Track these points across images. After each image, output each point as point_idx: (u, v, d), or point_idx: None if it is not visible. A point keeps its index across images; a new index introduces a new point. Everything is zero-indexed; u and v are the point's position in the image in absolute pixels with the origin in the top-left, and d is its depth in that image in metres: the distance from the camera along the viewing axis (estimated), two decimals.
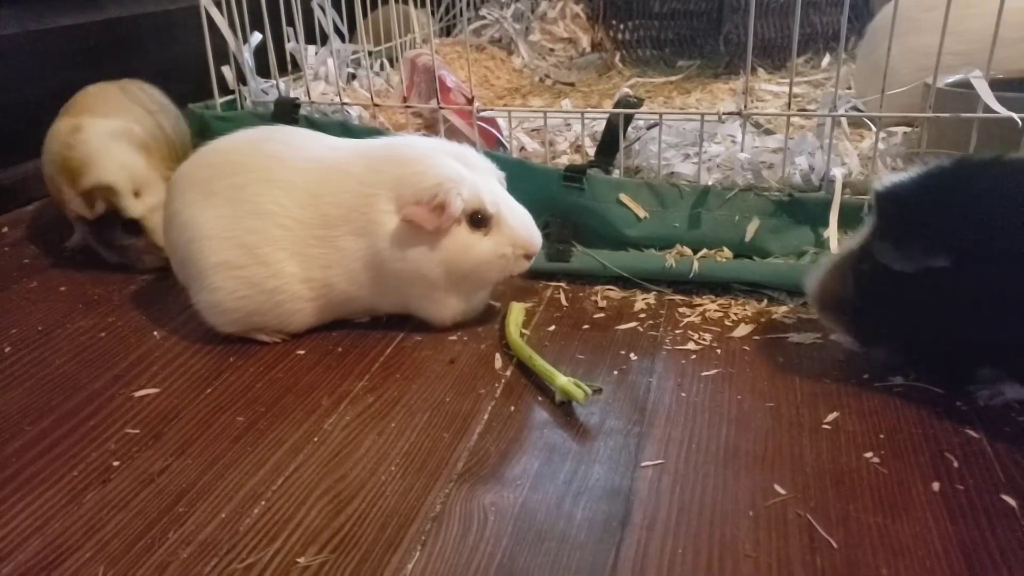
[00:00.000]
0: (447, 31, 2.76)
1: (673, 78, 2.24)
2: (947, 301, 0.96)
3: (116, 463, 0.97)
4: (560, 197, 1.42)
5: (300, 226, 1.17)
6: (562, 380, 1.04)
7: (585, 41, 2.58)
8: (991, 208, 0.94)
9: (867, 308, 1.03)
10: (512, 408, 1.05)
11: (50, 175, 1.50)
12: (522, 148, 1.69)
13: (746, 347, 1.17)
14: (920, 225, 0.96)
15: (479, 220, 1.15)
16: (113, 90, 1.66)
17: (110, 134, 1.46)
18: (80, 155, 1.42)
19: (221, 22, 1.71)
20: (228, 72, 1.76)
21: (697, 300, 1.31)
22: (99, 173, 1.41)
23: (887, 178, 1.02)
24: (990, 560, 0.79)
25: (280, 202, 1.18)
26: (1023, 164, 0.99)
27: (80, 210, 1.43)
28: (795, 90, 1.38)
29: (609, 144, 1.49)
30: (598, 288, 1.37)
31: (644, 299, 1.33)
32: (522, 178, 1.36)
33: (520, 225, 1.18)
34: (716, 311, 1.28)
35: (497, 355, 1.18)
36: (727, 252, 1.36)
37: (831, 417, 1.01)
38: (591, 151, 1.57)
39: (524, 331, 1.22)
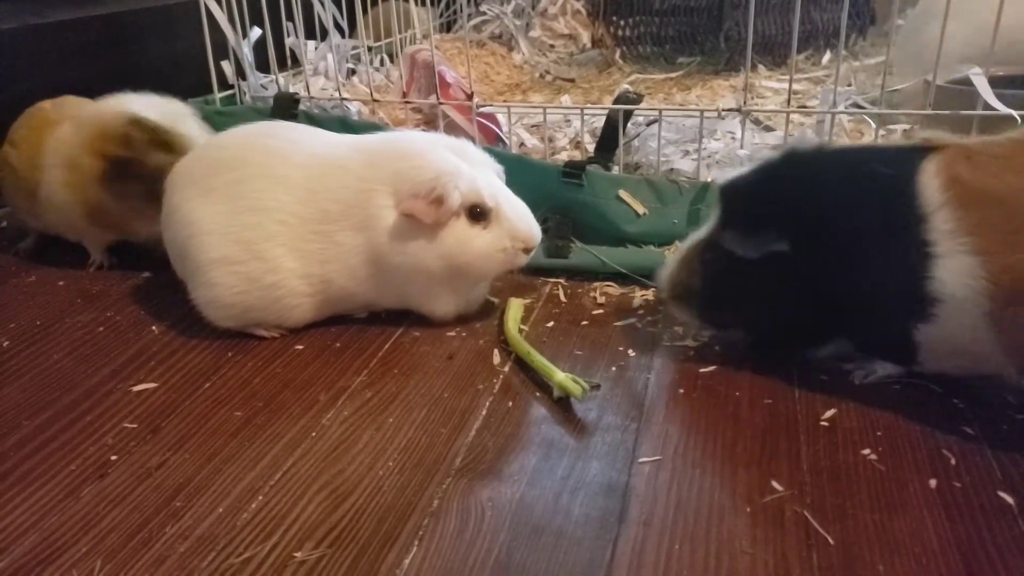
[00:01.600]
0: (447, 27, 2.76)
1: (673, 75, 2.24)
2: (788, 282, 1.03)
3: (114, 457, 0.97)
4: (559, 193, 1.42)
5: (299, 221, 1.17)
6: (560, 376, 1.04)
7: (585, 37, 2.58)
8: (818, 193, 1.01)
9: (715, 294, 1.09)
10: (510, 404, 1.05)
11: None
12: (521, 144, 1.69)
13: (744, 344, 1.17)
14: (759, 214, 1.03)
15: (478, 214, 1.15)
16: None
17: None
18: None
19: (221, 17, 1.71)
20: (227, 67, 1.76)
21: None
22: None
23: (728, 173, 1.11)
24: (986, 557, 0.79)
25: (278, 198, 1.18)
26: (842, 152, 1.08)
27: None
28: (795, 87, 1.38)
29: (609, 140, 1.49)
30: (597, 284, 1.37)
31: (643, 295, 1.32)
32: (521, 174, 1.35)
33: (519, 218, 1.18)
34: None
35: (495, 351, 1.18)
36: None
37: (829, 414, 1.01)
38: (591, 147, 1.57)
39: (523, 327, 1.22)
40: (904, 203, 0.94)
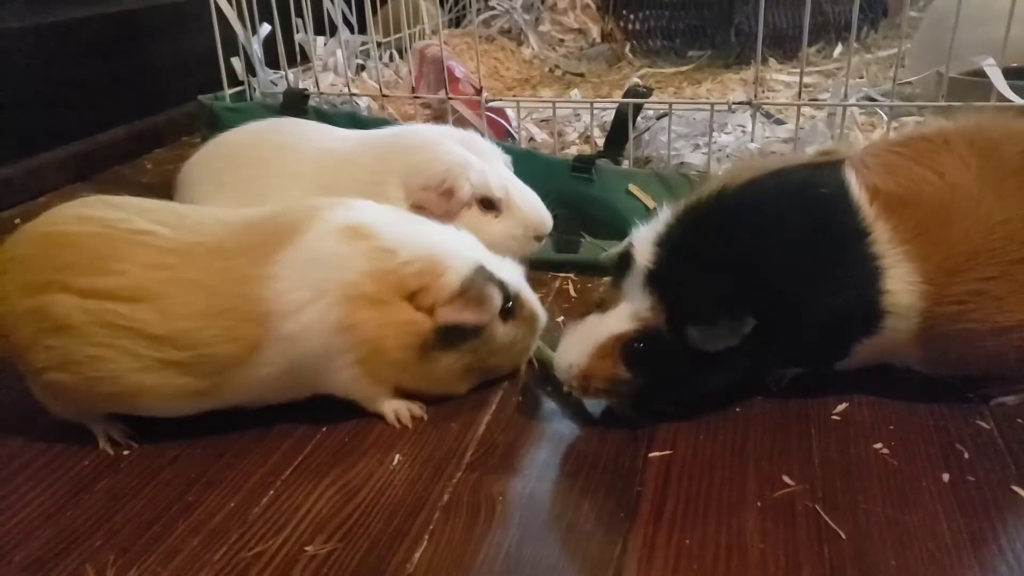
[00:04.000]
0: (457, 22, 2.76)
1: (684, 69, 2.23)
2: (750, 351, 0.91)
3: (126, 452, 0.97)
4: (569, 188, 1.41)
5: None
6: None
7: (595, 32, 2.57)
8: (772, 238, 0.92)
9: (658, 388, 0.95)
10: (520, 398, 1.05)
11: None
12: (531, 139, 1.69)
13: None
14: (729, 296, 0.89)
15: (489, 203, 1.16)
16: None
17: None
18: None
19: (230, 13, 1.72)
20: (237, 63, 1.77)
21: None
22: None
23: (646, 260, 0.94)
24: (999, 552, 0.78)
25: (290, 193, 1.18)
26: (774, 180, 0.96)
27: None
28: (806, 80, 1.38)
29: (618, 135, 1.48)
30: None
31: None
32: (531, 168, 1.35)
33: (530, 207, 1.19)
34: None
35: None
36: None
37: (840, 408, 1.00)
38: (600, 142, 1.56)
39: None
40: (848, 221, 0.93)
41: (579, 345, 0.96)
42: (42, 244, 0.92)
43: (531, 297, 1.04)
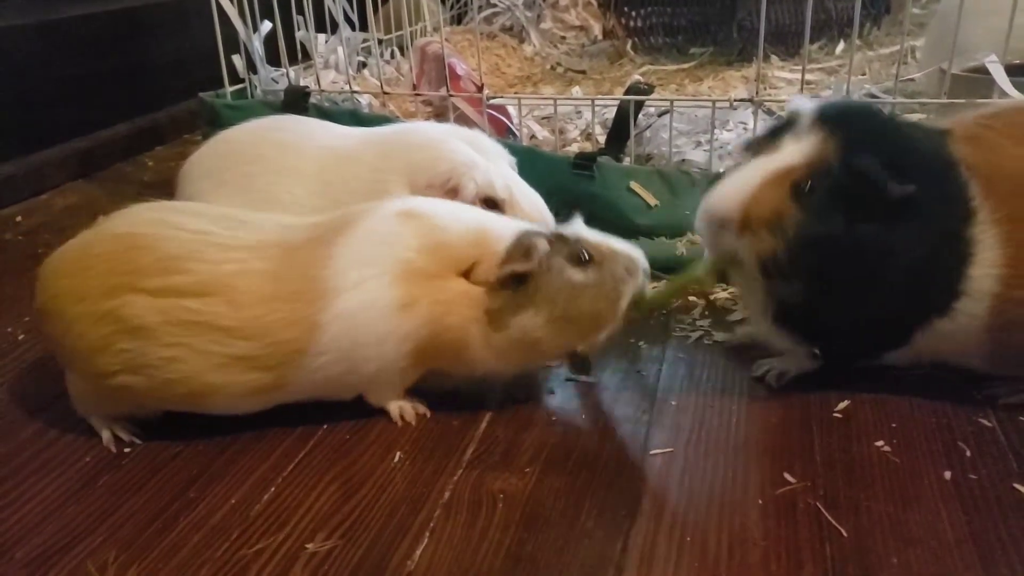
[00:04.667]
0: (458, 19, 2.75)
1: (685, 66, 2.22)
2: (907, 247, 0.90)
3: (128, 449, 0.98)
4: (570, 185, 1.41)
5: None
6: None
7: (597, 29, 2.57)
8: (919, 154, 0.92)
9: (830, 258, 0.91)
10: (521, 396, 1.05)
11: None
12: (532, 136, 1.69)
13: None
14: (901, 142, 0.90)
15: (493, 203, 1.15)
16: None
17: None
18: None
19: (231, 11, 1.72)
20: (238, 61, 1.77)
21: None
22: None
23: (812, 112, 0.93)
24: (1002, 550, 0.78)
25: (292, 191, 1.18)
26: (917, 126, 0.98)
27: None
28: (808, 76, 1.38)
29: (620, 132, 1.48)
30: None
31: (654, 287, 1.31)
32: (532, 166, 1.35)
33: (533, 207, 1.18)
34: (727, 299, 1.27)
35: None
36: None
37: (842, 405, 1.00)
38: (602, 139, 1.56)
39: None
40: (961, 191, 0.90)
41: (741, 179, 0.92)
42: (119, 246, 0.93)
43: (606, 239, 1.00)
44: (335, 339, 0.92)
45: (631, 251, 1.00)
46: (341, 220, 0.97)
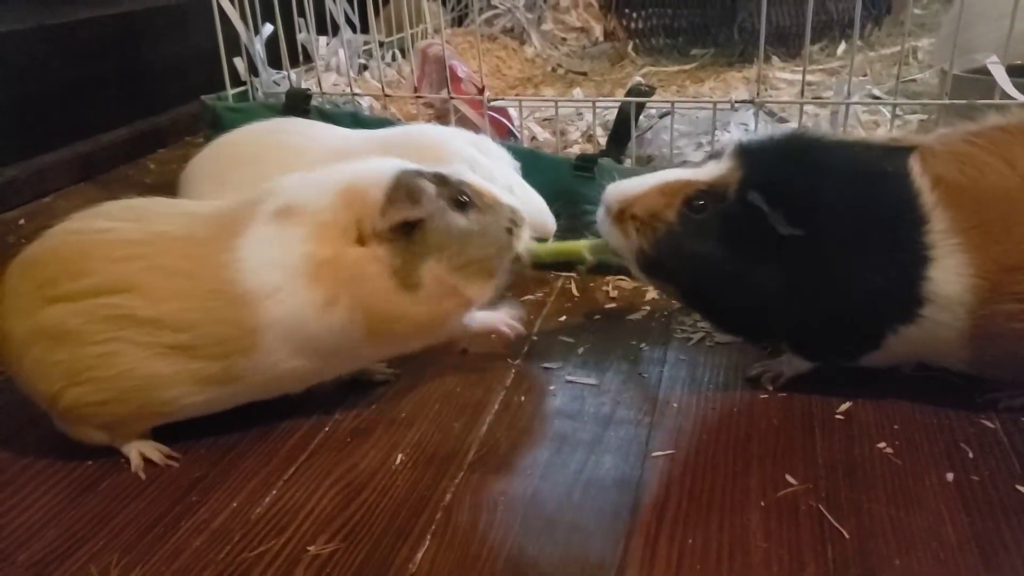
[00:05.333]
0: (459, 21, 2.75)
1: (686, 67, 2.22)
2: (776, 268, 0.94)
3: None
4: (571, 187, 1.41)
5: None
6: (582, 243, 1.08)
7: (598, 30, 2.57)
8: (833, 182, 0.94)
9: (697, 255, 0.97)
10: (523, 398, 1.05)
11: None
12: (533, 138, 1.69)
13: None
14: (794, 186, 0.93)
15: None
16: None
17: None
18: None
19: (233, 13, 1.72)
20: (240, 64, 1.77)
21: None
22: None
23: (737, 143, 0.99)
24: (1005, 552, 0.78)
25: None
26: (846, 145, 1.02)
27: None
28: (809, 78, 1.38)
29: (621, 133, 1.48)
30: (609, 278, 1.36)
31: (655, 289, 1.32)
32: (533, 168, 1.35)
33: (535, 210, 1.18)
34: None
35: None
36: None
37: (844, 407, 1.00)
38: (603, 140, 1.56)
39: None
40: (907, 203, 0.92)
41: (641, 179, 1.00)
42: (20, 269, 0.93)
43: (491, 188, 1.00)
44: (280, 341, 0.91)
45: (515, 202, 1.01)
46: (229, 218, 0.94)
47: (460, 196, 0.95)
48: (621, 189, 1.00)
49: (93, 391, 0.90)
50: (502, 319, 1.05)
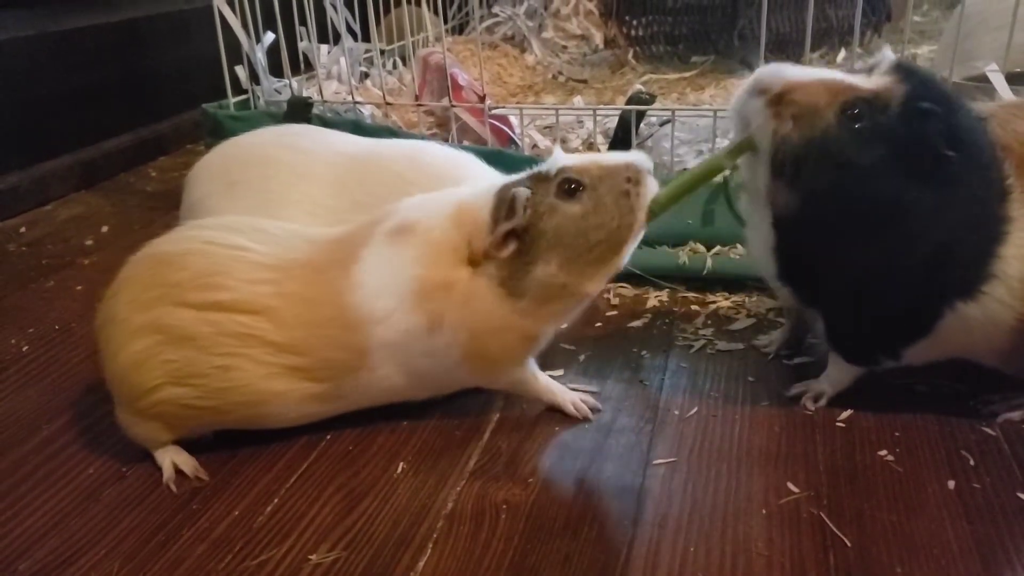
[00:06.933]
0: (460, 29, 2.76)
1: (687, 74, 2.23)
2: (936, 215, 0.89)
3: (132, 461, 0.98)
4: None
5: (327, 212, 1.17)
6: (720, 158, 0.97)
7: (598, 38, 2.57)
8: (964, 124, 0.90)
9: (861, 180, 0.89)
10: (524, 406, 1.05)
11: None
12: (534, 145, 1.69)
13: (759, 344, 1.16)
14: (953, 98, 0.89)
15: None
16: None
17: None
18: None
19: (234, 22, 1.72)
20: (241, 72, 1.77)
21: (710, 297, 1.31)
22: None
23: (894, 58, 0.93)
24: (1006, 559, 0.78)
25: (307, 192, 1.19)
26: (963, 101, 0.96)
27: None
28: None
29: (622, 141, 1.48)
30: (610, 285, 1.36)
31: (657, 296, 1.32)
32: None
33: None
34: (729, 308, 1.27)
35: None
36: (740, 248, 1.35)
37: (845, 415, 1.00)
38: (604, 148, 1.56)
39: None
40: (1000, 171, 0.90)
41: (803, 70, 0.92)
42: (150, 263, 0.95)
43: (594, 158, 0.95)
44: (386, 359, 0.94)
45: (627, 158, 0.94)
46: (349, 243, 0.96)
47: (567, 185, 0.91)
48: (781, 72, 0.91)
49: (196, 396, 0.91)
50: (573, 398, 1.02)
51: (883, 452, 0.93)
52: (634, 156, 0.95)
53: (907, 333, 0.95)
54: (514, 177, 0.96)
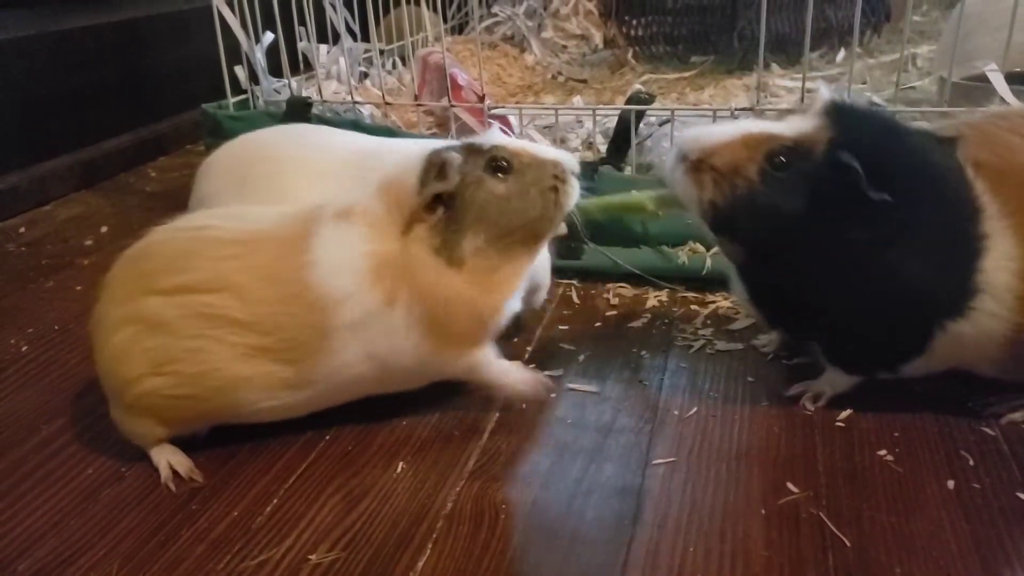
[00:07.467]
0: (459, 29, 2.76)
1: (686, 74, 2.23)
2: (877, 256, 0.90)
3: (130, 461, 0.98)
4: None
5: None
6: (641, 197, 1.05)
7: (598, 38, 2.57)
8: (911, 162, 0.90)
9: (782, 230, 0.91)
10: (523, 406, 1.05)
11: None
12: None
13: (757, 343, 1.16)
14: (890, 149, 0.89)
15: None
16: None
17: None
18: None
19: (233, 22, 1.72)
20: (241, 72, 1.77)
21: (710, 297, 1.30)
22: None
23: (829, 98, 0.93)
24: (1005, 560, 0.78)
25: (320, 189, 1.18)
26: (908, 129, 0.99)
27: None
28: (809, 85, 1.37)
29: (621, 141, 1.48)
30: (610, 286, 1.36)
31: (656, 296, 1.32)
32: None
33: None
34: (729, 308, 1.27)
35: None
36: None
37: (844, 415, 1.00)
38: (603, 148, 1.56)
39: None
40: (967, 191, 0.90)
41: (722, 128, 0.93)
42: (127, 260, 0.96)
43: (527, 146, 0.96)
44: (349, 343, 0.92)
45: (557, 156, 0.96)
46: (303, 221, 0.95)
47: (496, 161, 0.92)
48: (700, 136, 0.93)
49: (173, 384, 0.91)
50: (531, 379, 1.01)
51: (882, 452, 0.93)
52: (563, 155, 0.96)
53: (899, 354, 0.97)
54: (442, 143, 0.96)
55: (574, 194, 0.96)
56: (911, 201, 0.88)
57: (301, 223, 0.95)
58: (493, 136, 0.95)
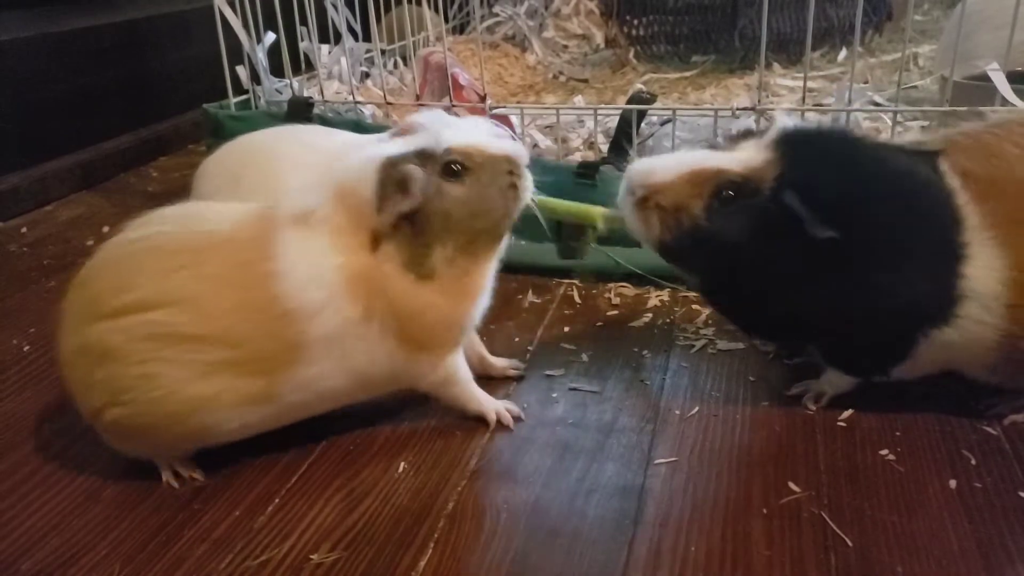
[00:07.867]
0: (461, 29, 2.76)
1: (687, 74, 2.23)
2: (808, 274, 0.90)
3: (132, 461, 0.97)
4: (573, 194, 1.41)
5: None
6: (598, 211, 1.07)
7: (599, 37, 2.57)
8: (869, 183, 0.90)
9: (724, 259, 0.92)
10: (524, 405, 1.05)
11: None
12: (535, 145, 1.69)
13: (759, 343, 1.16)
14: (835, 185, 0.88)
15: None
16: None
17: None
18: None
19: (235, 22, 1.72)
20: (242, 72, 1.77)
21: None
22: None
23: (781, 129, 0.93)
24: (1007, 559, 0.78)
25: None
26: (876, 144, 1.00)
27: None
28: (810, 84, 1.38)
29: (622, 140, 1.48)
30: (611, 285, 1.36)
31: (658, 296, 1.32)
32: (535, 175, 1.35)
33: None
34: None
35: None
36: None
37: (846, 414, 1.00)
38: (604, 147, 1.56)
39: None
40: (943, 204, 0.90)
41: (670, 161, 0.94)
42: (75, 286, 0.91)
43: (477, 140, 0.91)
44: (323, 354, 0.89)
45: (508, 150, 0.92)
46: (258, 224, 0.90)
47: (451, 165, 0.89)
48: (647, 172, 0.93)
49: (133, 413, 0.86)
50: (497, 407, 1.01)
51: (884, 452, 0.93)
52: (513, 148, 0.93)
53: (882, 361, 0.97)
54: (390, 150, 0.90)
55: (530, 187, 0.94)
56: (869, 225, 0.88)
57: (256, 227, 0.90)
58: (442, 135, 0.90)
